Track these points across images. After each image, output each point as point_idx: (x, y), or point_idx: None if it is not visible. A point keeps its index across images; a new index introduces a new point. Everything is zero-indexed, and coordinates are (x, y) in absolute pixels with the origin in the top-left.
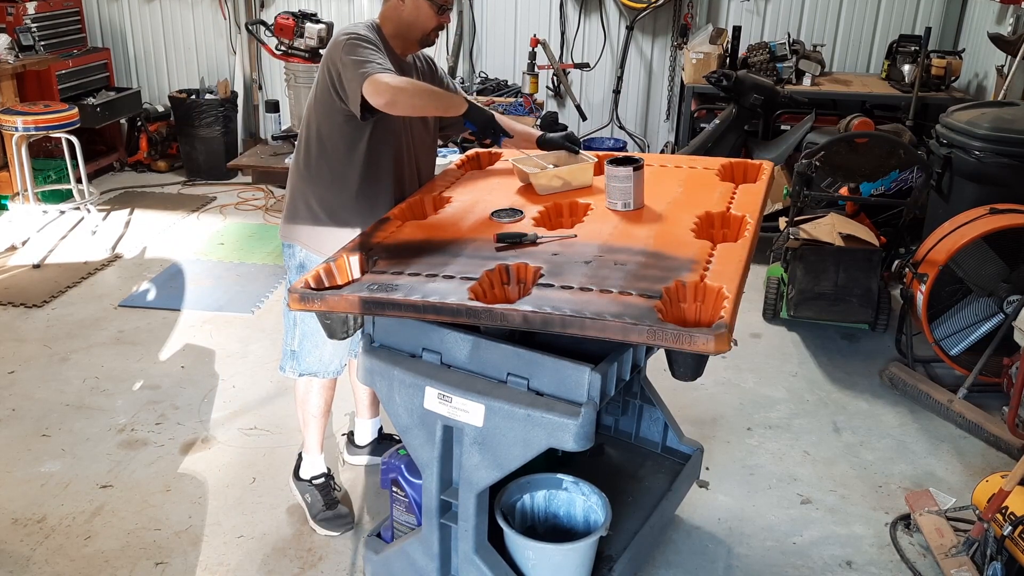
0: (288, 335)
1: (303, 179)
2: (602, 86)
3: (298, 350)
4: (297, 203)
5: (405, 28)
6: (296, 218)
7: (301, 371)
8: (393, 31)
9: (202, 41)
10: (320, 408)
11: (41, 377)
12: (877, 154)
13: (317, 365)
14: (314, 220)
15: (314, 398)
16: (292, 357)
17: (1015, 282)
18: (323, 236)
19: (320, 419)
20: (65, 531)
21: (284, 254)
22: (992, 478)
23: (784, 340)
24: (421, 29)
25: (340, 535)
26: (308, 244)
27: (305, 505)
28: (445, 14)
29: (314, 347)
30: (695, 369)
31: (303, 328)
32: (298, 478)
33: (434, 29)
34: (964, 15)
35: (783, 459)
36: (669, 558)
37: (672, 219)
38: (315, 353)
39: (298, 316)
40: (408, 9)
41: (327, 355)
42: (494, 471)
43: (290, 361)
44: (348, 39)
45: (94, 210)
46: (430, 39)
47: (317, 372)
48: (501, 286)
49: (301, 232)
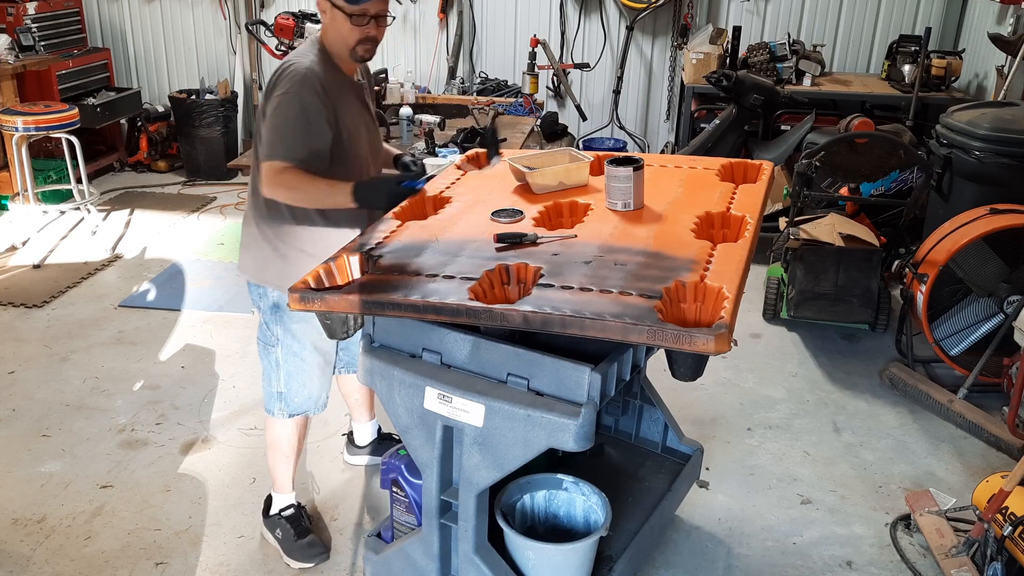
0: (271, 377)
1: (263, 217)
2: (602, 86)
3: (285, 391)
4: (259, 243)
5: (334, 44)
6: (262, 258)
7: (292, 411)
8: (330, 48)
9: (202, 41)
10: (295, 447)
11: (41, 377)
12: (877, 154)
13: (308, 403)
14: (281, 258)
15: (290, 437)
16: (280, 399)
17: (1015, 282)
18: (293, 273)
19: (294, 457)
20: (65, 531)
21: (252, 294)
22: (992, 478)
23: (784, 340)
24: (344, 44)
25: (315, 566)
26: (281, 284)
27: (277, 542)
28: (364, 26)
29: (302, 386)
30: (695, 369)
31: (288, 368)
32: (267, 516)
33: (359, 42)
34: (964, 15)
35: (783, 459)
36: (669, 558)
37: (672, 219)
38: (304, 392)
39: (280, 356)
40: (328, 23)
41: (316, 390)
42: (494, 471)
43: (277, 403)
44: (282, 95)
45: (94, 210)
46: (358, 54)
47: (308, 410)
48: (501, 286)
49: (269, 273)
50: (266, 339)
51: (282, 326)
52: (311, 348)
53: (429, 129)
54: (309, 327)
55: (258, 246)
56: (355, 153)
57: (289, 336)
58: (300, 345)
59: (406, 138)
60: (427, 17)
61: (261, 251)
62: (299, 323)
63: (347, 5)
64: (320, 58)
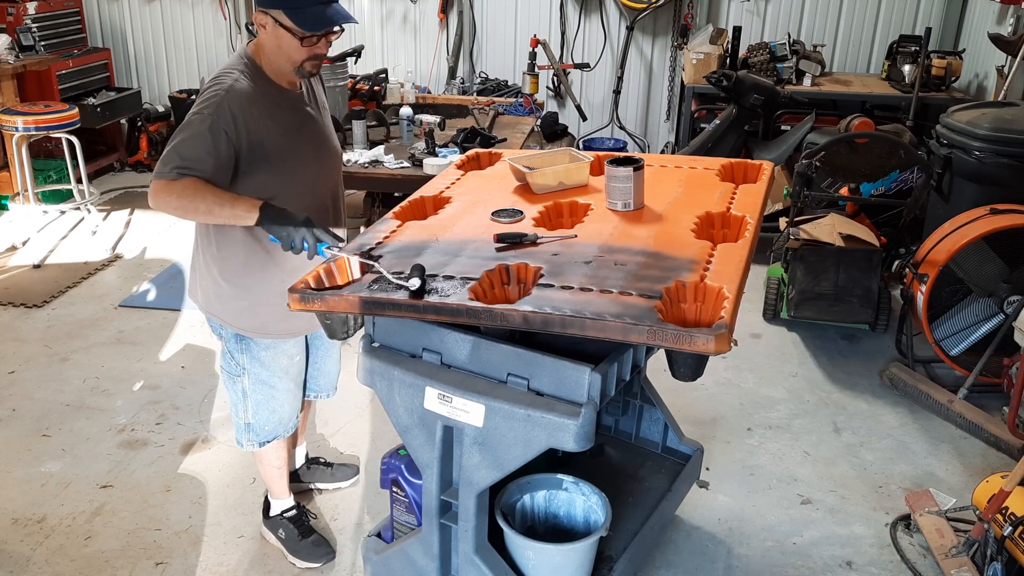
0: (238, 408)
1: (201, 242)
2: (602, 86)
3: (253, 422)
4: (200, 269)
5: (274, 59)
6: (206, 287)
7: (262, 440)
8: (266, 62)
9: (202, 41)
10: (283, 459)
11: (41, 377)
12: (877, 154)
13: (278, 428)
14: (219, 287)
15: (277, 451)
16: (248, 430)
17: (1015, 282)
18: (235, 305)
19: (284, 468)
20: (65, 531)
21: (209, 323)
22: (992, 478)
23: (784, 340)
24: (289, 61)
25: (322, 566)
26: (226, 318)
27: (280, 542)
28: (315, 45)
29: (271, 413)
30: (695, 369)
31: (255, 398)
32: (267, 517)
33: (306, 60)
34: (964, 15)
35: (783, 459)
36: (669, 558)
37: (672, 219)
38: (273, 419)
39: (246, 386)
40: (268, 39)
41: (286, 415)
42: (494, 471)
43: (246, 434)
44: (191, 114)
45: (94, 210)
46: (305, 70)
47: (279, 435)
48: (501, 286)
49: (216, 306)
50: (231, 369)
51: (248, 355)
52: (281, 375)
53: (429, 129)
54: (278, 353)
55: (200, 273)
56: (288, 171)
57: (257, 364)
58: (269, 372)
59: (406, 138)
60: (427, 17)
61: (203, 279)
62: (267, 351)
63: (299, 29)
64: (250, 73)
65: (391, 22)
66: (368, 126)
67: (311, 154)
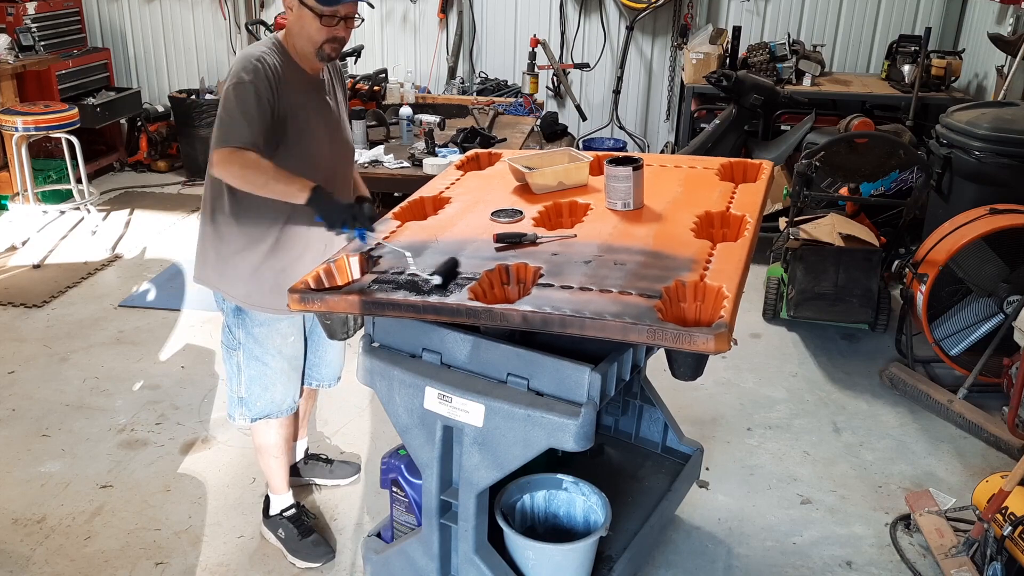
0: (232, 382)
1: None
2: (602, 86)
3: (246, 396)
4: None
5: (298, 41)
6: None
7: (254, 416)
8: (291, 45)
9: (202, 41)
10: (281, 447)
11: (41, 377)
12: (877, 154)
13: (270, 407)
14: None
15: (273, 437)
16: (240, 404)
17: (1015, 282)
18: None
19: (283, 457)
20: (65, 531)
21: (215, 296)
22: (992, 478)
23: (784, 340)
24: (310, 42)
25: (322, 565)
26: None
27: (280, 541)
28: (333, 26)
29: (263, 390)
30: (695, 369)
31: (249, 373)
32: (267, 516)
33: (325, 42)
34: (964, 15)
35: (783, 459)
36: (669, 558)
37: (672, 219)
38: (265, 396)
39: (241, 361)
40: (293, 21)
41: (279, 395)
42: (494, 471)
43: (238, 408)
44: (233, 84)
45: (94, 210)
46: (325, 52)
47: (271, 413)
48: (501, 286)
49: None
50: (228, 342)
51: (244, 329)
52: (274, 353)
53: (429, 129)
54: (272, 331)
55: (204, 248)
56: (306, 152)
57: (251, 340)
58: (262, 349)
59: (406, 138)
60: (427, 17)
61: (206, 251)
62: (261, 327)
63: (318, 5)
64: (278, 53)
65: (391, 22)
66: (368, 126)
67: (327, 141)
